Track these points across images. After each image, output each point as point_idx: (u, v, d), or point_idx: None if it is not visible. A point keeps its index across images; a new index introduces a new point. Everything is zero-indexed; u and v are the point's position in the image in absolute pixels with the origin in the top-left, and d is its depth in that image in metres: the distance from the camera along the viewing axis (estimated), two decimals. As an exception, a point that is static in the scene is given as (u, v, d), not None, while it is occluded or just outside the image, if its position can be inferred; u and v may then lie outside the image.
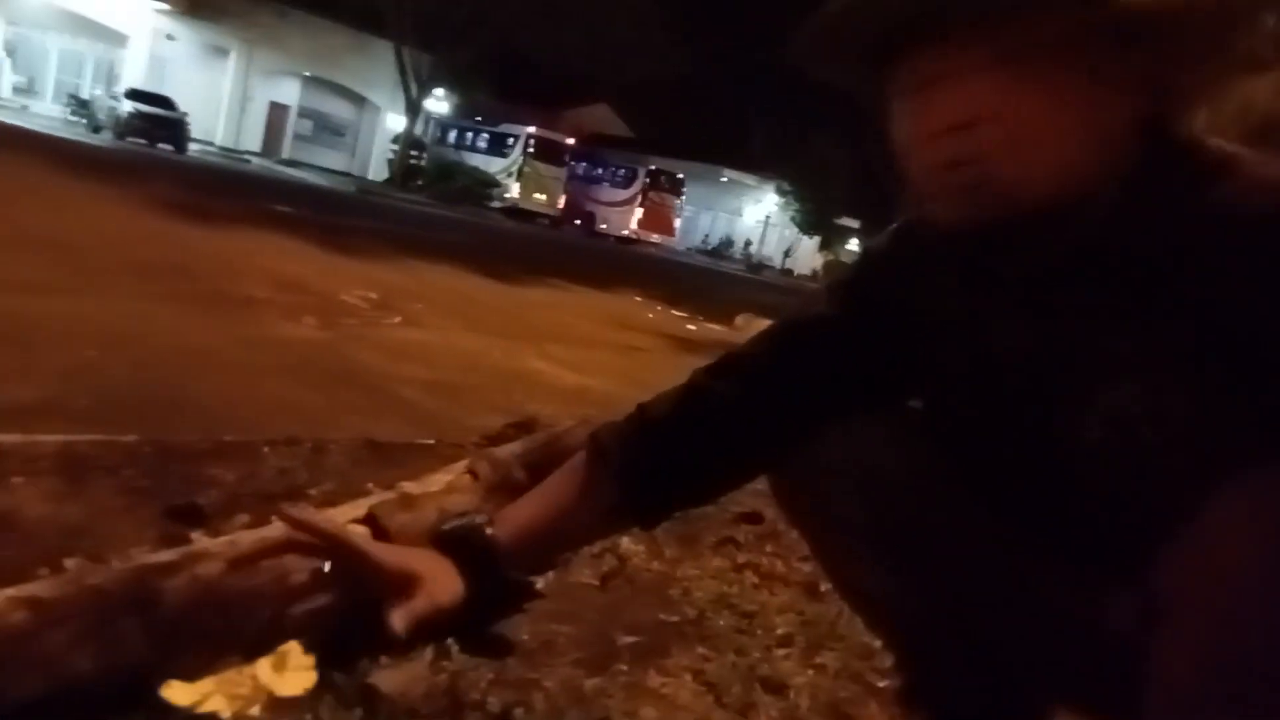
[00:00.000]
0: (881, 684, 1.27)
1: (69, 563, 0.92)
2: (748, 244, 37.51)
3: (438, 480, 1.17)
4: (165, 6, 24.57)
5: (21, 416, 1.94)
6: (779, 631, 1.37)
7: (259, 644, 0.88)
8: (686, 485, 0.95)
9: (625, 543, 1.59)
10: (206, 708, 0.80)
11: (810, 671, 1.27)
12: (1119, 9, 0.66)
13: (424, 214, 17.09)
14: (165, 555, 0.85)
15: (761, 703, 1.16)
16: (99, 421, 1.92)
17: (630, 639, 1.27)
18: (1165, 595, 0.60)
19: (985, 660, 0.87)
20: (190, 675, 0.82)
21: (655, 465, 0.93)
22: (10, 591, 0.74)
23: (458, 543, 0.96)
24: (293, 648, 0.90)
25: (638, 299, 9.01)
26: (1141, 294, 0.70)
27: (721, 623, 1.38)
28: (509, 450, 1.29)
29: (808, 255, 37.37)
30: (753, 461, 0.96)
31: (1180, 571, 0.59)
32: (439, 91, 28.19)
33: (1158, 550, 0.62)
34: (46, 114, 22.75)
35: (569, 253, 15.67)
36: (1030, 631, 0.82)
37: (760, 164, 33.75)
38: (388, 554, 0.95)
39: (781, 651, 1.32)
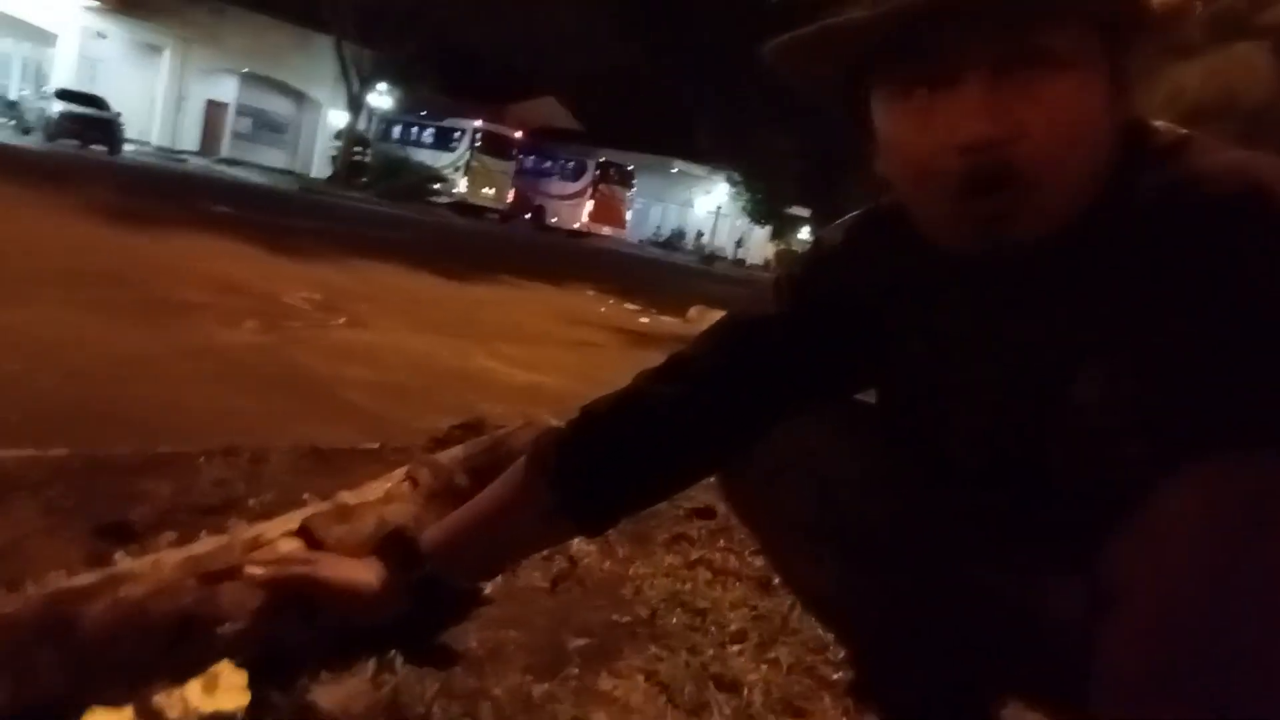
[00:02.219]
0: (835, 677, 1.26)
1: (-20, 591, 0.87)
2: (700, 235, 37.61)
3: (376, 489, 1.13)
4: (95, 4, 23.84)
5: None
6: (732, 628, 1.36)
7: (188, 666, 0.84)
8: (629, 492, 0.94)
9: (576, 543, 1.57)
10: (131, 736, 0.77)
11: (763, 667, 1.26)
12: (1137, 10, 0.65)
13: (369, 211, 16.84)
14: (85, 579, 0.81)
15: (715, 701, 1.15)
16: (26, 437, 1.84)
17: (581, 642, 1.25)
18: (1112, 584, 0.59)
19: (935, 653, 0.86)
20: (114, 701, 0.79)
21: (596, 473, 0.91)
22: (-87, 626, 0.70)
23: (388, 550, 0.96)
24: (224, 667, 0.86)
25: (590, 293, 8.98)
26: (1101, 282, 0.69)
27: (674, 621, 1.37)
28: (451, 455, 1.26)
29: (759, 245, 37.60)
30: (698, 465, 0.94)
31: (1127, 561, 0.59)
32: (382, 86, 27.78)
33: (1107, 539, 0.62)
34: (-28, 116, 22.01)
35: (519, 248, 15.57)
36: (979, 623, 0.82)
37: (710, 155, 33.82)
38: (327, 568, 0.96)
39: (735, 648, 1.31)
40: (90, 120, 19.98)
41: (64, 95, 20.56)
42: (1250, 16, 2.67)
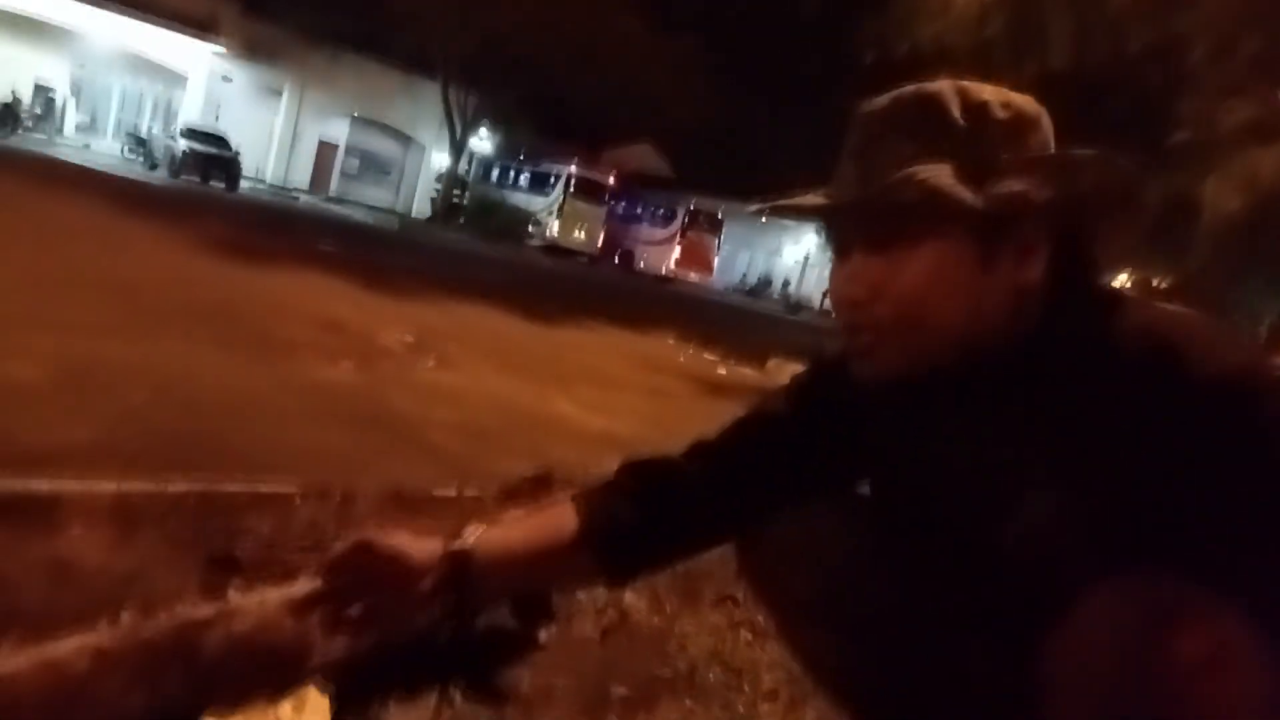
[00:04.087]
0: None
1: (124, 615, 1.05)
2: (786, 284, 37.59)
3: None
4: (223, 50, 25.51)
5: (79, 459, 2.10)
6: (765, 687, 1.47)
7: (283, 688, 1.00)
8: (651, 553, 1.06)
9: (628, 597, 1.70)
10: (235, 744, 0.92)
11: (790, 726, 1.36)
12: (963, 211, 0.78)
13: (464, 252, 17.43)
14: (204, 610, 0.97)
15: (740, 755, 1.26)
16: (148, 464, 2.06)
17: (623, 691, 1.37)
18: (1047, 673, 0.70)
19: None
20: (222, 713, 0.95)
21: (621, 529, 1.02)
22: (76, 641, 0.87)
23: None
24: (311, 691, 1.02)
25: (670, 341, 9.11)
26: (1045, 419, 0.82)
27: (711, 677, 1.48)
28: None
29: (846, 295, 37.26)
30: (709, 537, 1.08)
31: (1056, 655, 0.70)
32: (483, 130, 28.81)
33: (1047, 634, 0.72)
34: (106, 152, 23.60)
35: (605, 292, 15.87)
36: (961, 696, 0.92)
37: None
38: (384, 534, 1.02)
39: (765, 706, 1.41)
40: (212, 158, 21.21)
41: (189, 134, 21.91)
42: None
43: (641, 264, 29.13)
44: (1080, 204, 0.80)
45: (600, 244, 28.22)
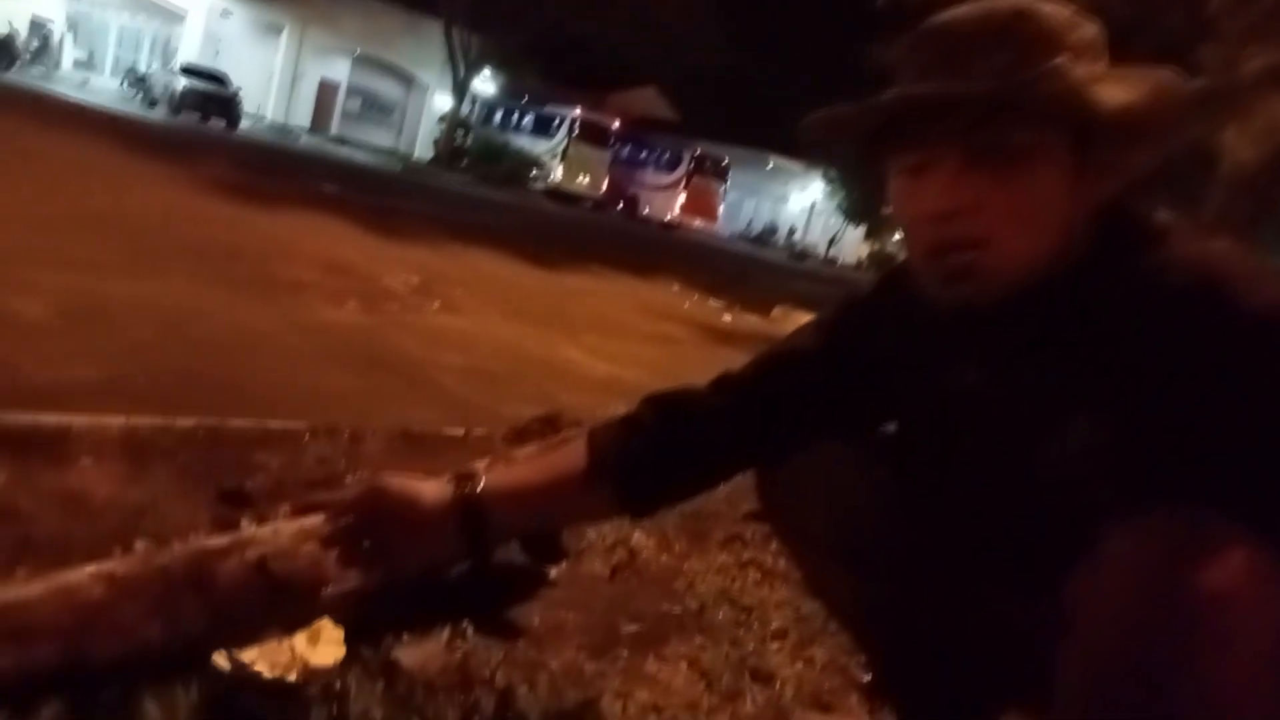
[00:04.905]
0: (866, 677, 1.36)
1: (138, 544, 1.05)
2: (792, 231, 37.35)
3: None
4: (222, -15, 25.05)
5: (86, 395, 2.10)
6: (774, 625, 1.48)
7: (297, 620, 1.00)
8: (669, 483, 1.04)
9: (637, 536, 1.70)
10: (251, 673, 0.93)
11: (799, 664, 1.37)
12: (1082, 117, 0.75)
13: (467, 195, 17.29)
14: (219, 540, 0.97)
15: (749, 691, 1.27)
16: (156, 402, 2.07)
17: (633, 627, 1.38)
18: (1069, 610, 0.70)
19: (941, 663, 0.96)
20: (238, 645, 0.95)
21: (642, 462, 1.01)
22: (91, 569, 0.87)
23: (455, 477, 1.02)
24: (325, 624, 1.02)
25: (676, 287, 9.09)
26: (1085, 350, 0.80)
27: (720, 615, 1.49)
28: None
29: (852, 244, 37.10)
30: (730, 470, 1.06)
31: (1079, 591, 0.69)
32: (486, 72, 28.36)
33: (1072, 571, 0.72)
34: (105, 88, 23.32)
35: (610, 238, 15.79)
36: (980, 638, 0.92)
37: (807, 151, 33.51)
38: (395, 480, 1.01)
39: (774, 644, 1.42)
40: (212, 96, 21.03)
41: (188, 71, 21.67)
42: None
43: (646, 210, 28.89)
44: (1161, 124, 0.79)
45: (604, 189, 27.96)
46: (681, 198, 28.94)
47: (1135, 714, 0.63)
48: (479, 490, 0.99)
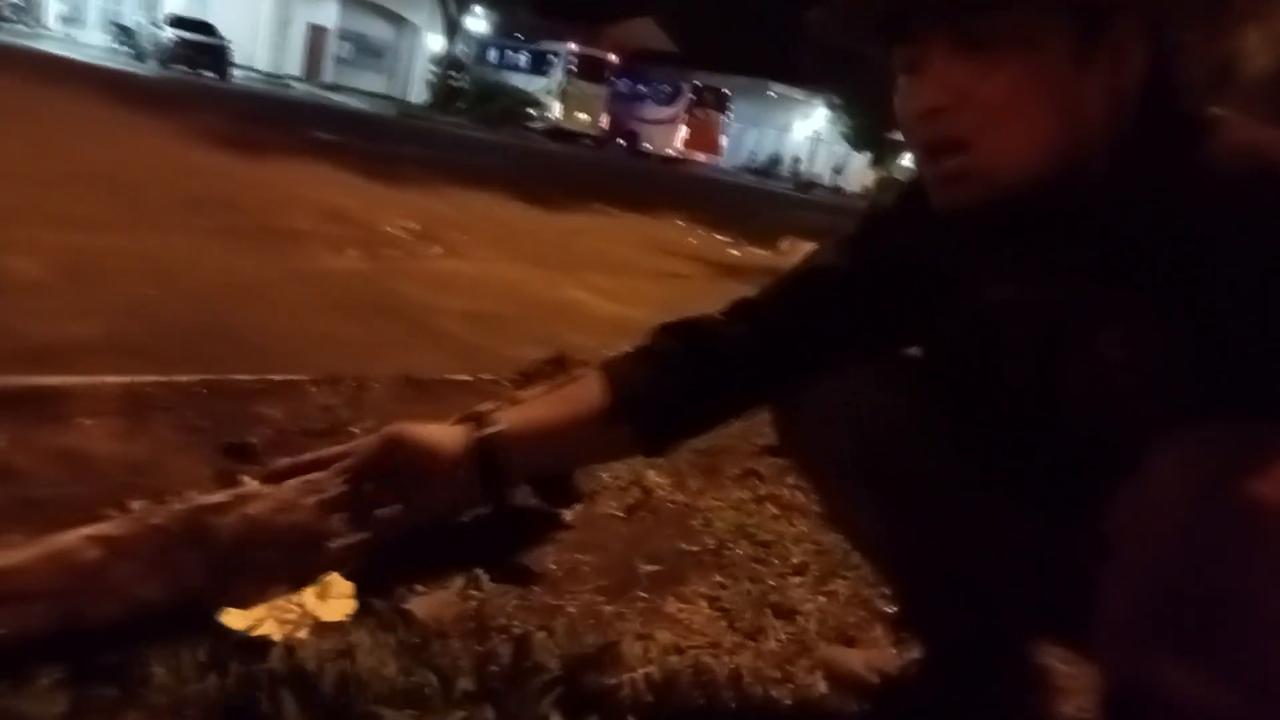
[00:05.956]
0: (890, 609, 1.34)
1: (138, 503, 1.02)
2: (796, 161, 36.76)
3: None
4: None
5: (84, 354, 2.06)
6: (794, 560, 1.45)
7: (305, 575, 0.97)
8: (687, 416, 1.00)
9: (651, 475, 1.67)
10: (260, 631, 0.90)
11: (821, 598, 1.35)
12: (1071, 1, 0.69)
13: (465, 137, 17.04)
14: (219, 496, 0.94)
15: (771, 627, 1.24)
16: (156, 358, 2.03)
17: (651, 567, 1.35)
18: (1113, 533, 0.65)
19: (971, 593, 0.93)
20: (244, 603, 0.92)
21: (658, 395, 0.97)
22: (86, 531, 0.84)
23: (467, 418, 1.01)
24: (335, 578, 0.99)
25: (680, 223, 8.97)
26: (1125, 253, 0.74)
27: (739, 552, 1.46)
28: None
29: (859, 172, 36.52)
30: (752, 399, 1.02)
31: (1124, 513, 0.65)
32: (478, 9, 27.73)
33: (1115, 492, 0.67)
34: (91, 43, 22.93)
35: (611, 175, 15.56)
36: (1010, 568, 0.88)
37: (810, 78, 32.77)
38: (410, 428, 1.00)
39: (795, 579, 1.40)
40: (201, 46, 20.71)
41: (176, 22, 21.30)
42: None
43: (648, 145, 28.45)
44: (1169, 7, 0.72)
45: (604, 125, 27.51)
46: (683, 131, 28.46)
47: (1188, 640, 0.58)
48: (495, 430, 0.97)
